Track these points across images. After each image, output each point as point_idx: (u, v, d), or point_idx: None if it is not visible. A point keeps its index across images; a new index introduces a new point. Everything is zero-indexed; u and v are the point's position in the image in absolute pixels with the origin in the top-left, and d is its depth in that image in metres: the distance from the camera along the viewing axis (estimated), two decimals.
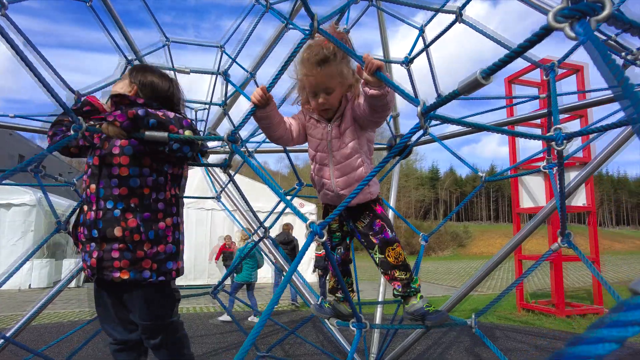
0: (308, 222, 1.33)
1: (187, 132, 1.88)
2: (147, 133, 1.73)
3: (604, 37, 2.89)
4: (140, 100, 1.98)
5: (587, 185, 7.72)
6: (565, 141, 1.46)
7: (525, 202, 8.13)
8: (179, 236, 2.09)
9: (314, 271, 9.86)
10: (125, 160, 1.93)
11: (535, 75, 8.47)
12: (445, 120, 1.26)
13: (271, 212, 3.87)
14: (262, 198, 10.81)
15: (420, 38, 3.05)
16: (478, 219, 79.63)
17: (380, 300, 4.42)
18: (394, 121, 5.07)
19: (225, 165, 2.42)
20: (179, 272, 2.09)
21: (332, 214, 1.37)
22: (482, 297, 9.68)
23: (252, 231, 3.62)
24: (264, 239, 3.23)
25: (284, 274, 3.51)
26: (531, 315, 7.57)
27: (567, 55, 2.36)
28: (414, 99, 1.25)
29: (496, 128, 1.36)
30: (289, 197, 4.22)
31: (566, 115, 8.07)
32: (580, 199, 7.70)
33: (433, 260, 29.24)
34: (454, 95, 1.07)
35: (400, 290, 1.95)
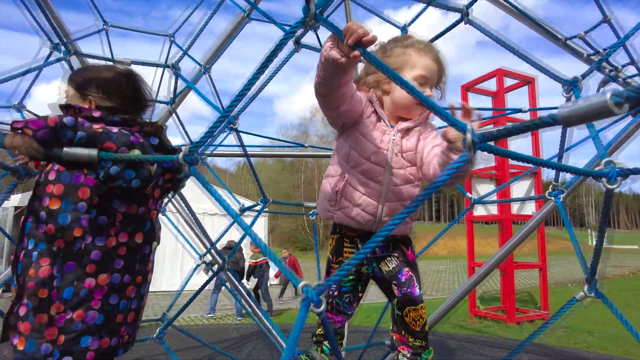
0: (300, 286, 0.94)
1: (136, 153, 1.40)
2: (65, 150, 1.22)
3: (592, 51, 2.77)
4: (97, 113, 1.48)
5: (535, 192, 7.92)
6: (619, 178, 1.17)
7: (479, 210, 8.20)
8: (117, 303, 1.50)
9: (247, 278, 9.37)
10: (59, 190, 1.42)
11: (490, 84, 8.60)
12: (495, 152, 0.91)
13: (222, 235, 3.42)
14: (208, 199, 10.17)
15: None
16: (421, 220, 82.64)
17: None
18: None
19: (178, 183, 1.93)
20: (105, 354, 1.48)
21: (354, 258, 0.97)
22: (433, 301, 9.71)
23: (203, 252, 3.15)
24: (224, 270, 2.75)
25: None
26: (483, 322, 7.63)
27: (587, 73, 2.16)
28: (459, 124, 0.90)
29: (551, 162, 1.04)
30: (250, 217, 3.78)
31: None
32: (529, 208, 7.87)
33: None
34: (545, 123, 0.71)
35: (408, 356, 1.60)
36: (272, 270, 14.28)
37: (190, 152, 1.23)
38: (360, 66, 1.96)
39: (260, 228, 14.36)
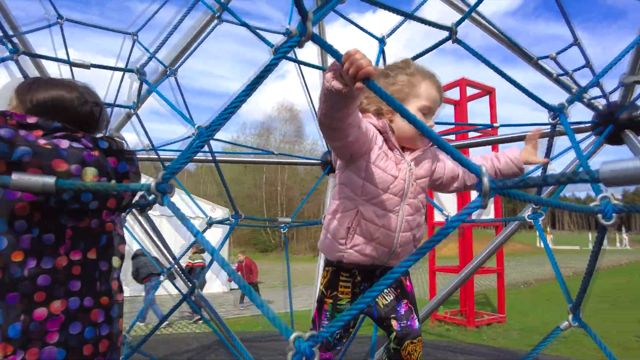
0: (292, 339, 0.84)
1: (91, 172, 1.23)
2: (14, 177, 1.01)
3: (563, 72, 2.85)
4: (32, 119, 1.26)
5: (495, 197, 8.20)
6: (614, 214, 1.16)
7: (438, 217, 8.39)
8: (81, 331, 1.28)
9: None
10: None
11: (453, 93, 8.83)
12: (514, 197, 0.86)
13: (184, 253, 3.23)
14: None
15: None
16: None
17: None
18: None
19: (143, 207, 1.75)
20: None
21: (354, 307, 0.88)
22: None
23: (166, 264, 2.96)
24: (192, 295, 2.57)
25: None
26: (444, 327, 7.79)
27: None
28: (472, 167, 0.84)
29: (556, 202, 1.00)
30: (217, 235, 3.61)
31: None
32: (491, 213, 8.13)
33: None
34: (582, 180, 0.66)
35: None
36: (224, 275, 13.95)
37: (164, 180, 1.09)
38: None
39: (219, 231, 13.99)
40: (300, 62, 2.88)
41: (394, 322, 1.58)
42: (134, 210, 2.67)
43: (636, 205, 1.17)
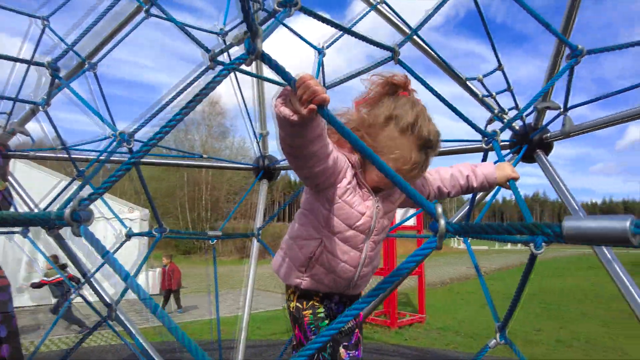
0: None
1: None
2: None
3: (487, 93, 3.04)
4: None
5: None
6: (544, 244, 1.23)
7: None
8: None
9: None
10: None
11: None
12: (468, 235, 0.85)
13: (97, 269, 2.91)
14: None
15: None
16: None
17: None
18: (263, 140, 4.59)
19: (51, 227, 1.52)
20: None
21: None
22: None
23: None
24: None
25: None
26: (369, 328, 8.01)
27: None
28: (429, 208, 0.82)
29: (501, 237, 1.02)
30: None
31: None
32: (410, 220, 8.52)
33: (268, 263, 29.41)
34: (544, 233, 0.66)
35: None
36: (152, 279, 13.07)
37: (81, 205, 0.93)
38: None
39: (144, 221, 13.12)
40: (253, 75, 2.74)
41: (342, 351, 1.54)
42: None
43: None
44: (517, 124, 3.12)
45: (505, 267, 20.28)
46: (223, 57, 2.30)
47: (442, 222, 0.80)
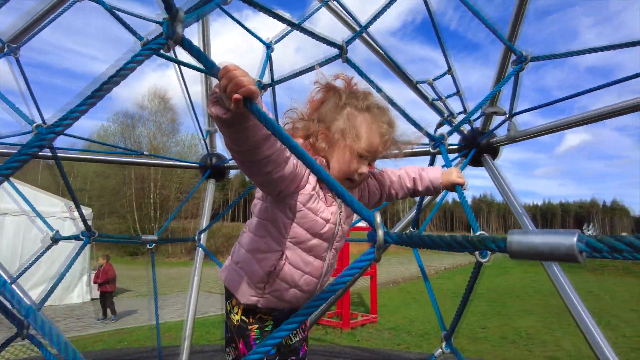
0: None
1: None
2: None
3: (437, 97, 3.05)
4: None
5: None
6: (490, 254, 1.20)
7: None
8: None
9: None
10: None
11: None
12: (406, 244, 0.78)
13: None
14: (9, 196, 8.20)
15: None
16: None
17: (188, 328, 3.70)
18: (210, 137, 4.39)
19: None
20: None
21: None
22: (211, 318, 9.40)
23: None
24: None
25: None
26: (321, 330, 7.97)
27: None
28: (367, 216, 0.73)
29: (458, 248, 0.97)
30: None
31: None
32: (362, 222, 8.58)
33: (213, 265, 28.67)
34: (486, 247, 0.59)
35: None
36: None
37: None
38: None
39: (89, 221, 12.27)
40: (174, 60, 2.56)
41: None
42: None
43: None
44: (465, 128, 3.16)
45: (456, 266, 21.06)
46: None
47: (381, 232, 0.72)
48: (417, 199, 2.35)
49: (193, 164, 4.37)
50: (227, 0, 1.30)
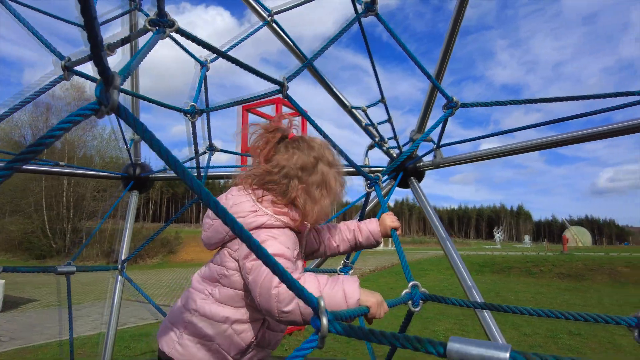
0: None
1: None
2: None
3: (370, 122, 3.16)
4: None
5: None
6: (421, 301, 1.26)
7: None
8: None
9: None
10: None
11: (270, 109, 9.09)
12: (349, 335, 0.79)
13: None
14: None
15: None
16: (188, 222, 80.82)
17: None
18: (135, 146, 4.12)
19: None
20: None
21: None
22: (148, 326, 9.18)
23: None
24: None
25: None
26: None
27: None
28: (311, 301, 0.74)
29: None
30: None
31: None
32: None
33: (141, 269, 27.13)
34: (427, 351, 0.62)
35: None
36: None
37: None
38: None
39: None
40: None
41: None
42: None
43: (437, 296, 1.29)
44: (395, 152, 3.32)
45: (380, 268, 21.89)
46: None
47: (325, 321, 0.73)
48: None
49: (114, 175, 4.07)
50: (164, 37, 1.23)
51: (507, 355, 0.54)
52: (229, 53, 1.90)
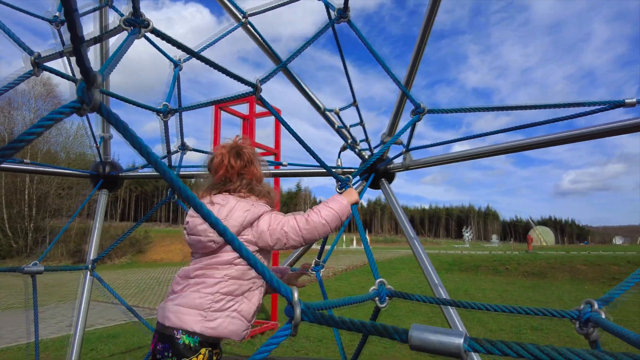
0: None
1: None
2: None
3: (342, 125, 3.22)
4: None
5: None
6: (387, 298, 1.33)
7: None
8: None
9: None
10: None
11: (243, 108, 9.04)
12: (322, 323, 0.85)
13: None
14: None
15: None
16: (157, 221, 78.98)
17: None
18: (104, 144, 4.05)
19: None
20: None
21: None
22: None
23: None
24: None
25: None
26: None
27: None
28: (285, 292, 0.79)
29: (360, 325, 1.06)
30: None
31: (262, 151, 8.97)
32: None
33: (109, 269, 26.30)
34: (393, 339, 0.68)
35: None
36: None
37: None
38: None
39: None
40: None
41: None
42: None
43: (403, 292, 1.36)
44: (367, 154, 3.40)
45: (352, 267, 22.10)
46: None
47: (298, 311, 0.78)
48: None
49: (83, 173, 3.98)
50: (139, 36, 1.24)
51: (461, 340, 0.60)
52: (204, 52, 1.91)
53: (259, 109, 9.11)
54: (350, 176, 1.94)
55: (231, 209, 1.79)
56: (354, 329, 0.74)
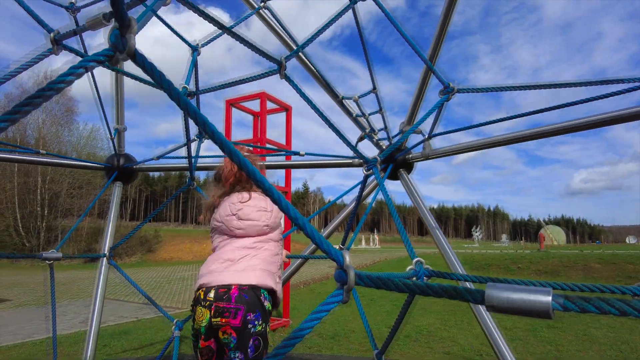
0: None
1: None
2: None
3: (360, 113, 3.14)
4: None
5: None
6: (426, 278, 1.25)
7: None
8: None
9: None
10: None
11: (254, 104, 9.01)
12: (371, 285, 0.78)
13: None
14: None
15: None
16: (167, 221, 79.56)
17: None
18: (119, 136, 4.02)
19: None
20: None
21: None
22: (181, 314, 9.18)
23: None
24: None
25: None
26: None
27: None
28: (335, 255, 0.72)
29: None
30: None
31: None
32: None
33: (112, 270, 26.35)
34: (473, 300, 0.61)
35: None
36: None
37: None
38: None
39: None
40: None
41: None
42: None
43: (443, 272, 1.29)
44: (384, 144, 3.31)
45: (362, 266, 21.98)
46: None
47: (352, 275, 0.71)
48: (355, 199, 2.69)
49: (97, 165, 3.96)
50: (166, 2, 1.19)
51: (549, 298, 0.53)
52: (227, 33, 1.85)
53: (270, 105, 9.07)
54: (379, 157, 1.87)
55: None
56: (419, 291, 0.67)
